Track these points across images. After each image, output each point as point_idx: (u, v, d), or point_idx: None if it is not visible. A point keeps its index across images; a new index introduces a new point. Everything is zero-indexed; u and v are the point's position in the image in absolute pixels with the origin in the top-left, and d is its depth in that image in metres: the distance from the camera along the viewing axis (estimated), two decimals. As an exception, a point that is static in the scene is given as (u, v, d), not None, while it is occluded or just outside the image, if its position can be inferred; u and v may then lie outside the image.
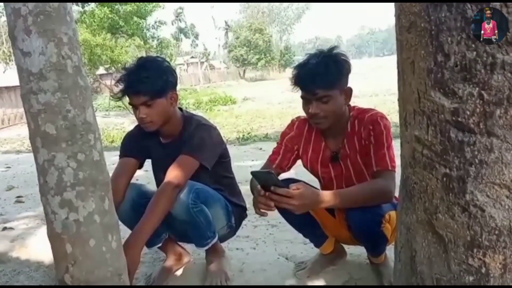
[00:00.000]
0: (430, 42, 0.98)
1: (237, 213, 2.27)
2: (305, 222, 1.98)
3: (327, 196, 1.67)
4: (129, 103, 2.01)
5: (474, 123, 0.94)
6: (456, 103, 0.96)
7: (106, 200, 1.33)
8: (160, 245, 2.20)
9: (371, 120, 1.81)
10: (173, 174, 1.91)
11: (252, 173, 1.66)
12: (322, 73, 1.73)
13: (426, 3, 0.96)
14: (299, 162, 2.07)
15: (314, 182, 2.02)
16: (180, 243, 2.34)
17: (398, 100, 1.18)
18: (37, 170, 1.28)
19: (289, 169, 2.02)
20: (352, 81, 1.87)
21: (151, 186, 2.26)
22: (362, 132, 1.83)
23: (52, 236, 1.30)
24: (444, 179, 1.02)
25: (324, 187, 2.01)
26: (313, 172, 2.02)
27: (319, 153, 1.96)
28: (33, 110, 1.23)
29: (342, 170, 1.91)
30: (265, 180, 1.62)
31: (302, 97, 1.83)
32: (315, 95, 1.76)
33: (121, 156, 2.14)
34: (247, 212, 2.39)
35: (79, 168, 1.26)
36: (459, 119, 0.96)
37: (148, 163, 2.24)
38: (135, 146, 2.14)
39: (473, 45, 0.91)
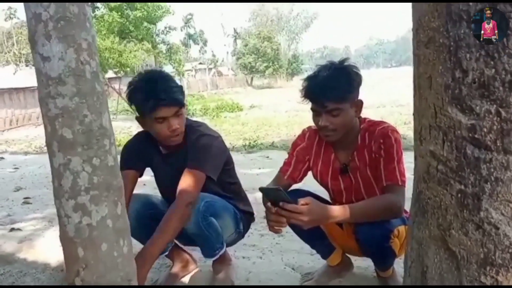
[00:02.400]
0: (448, 58, 0.98)
1: (246, 219, 2.28)
2: (312, 233, 1.98)
3: (336, 211, 1.66)
4: (157, 117, 1.91)
5: (491, 140, 0.94)
6: (473, 119, 0.96)
7: (119, 205, 1.34)
8: (167, 253, 2.20)
9: (382, 134, 1.80)
10: (184, 190, 1.89)
11: (261, 189, 1.66)
12: (333, 86, 1.72)
13: (445, 19, 0.97)
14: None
15: (321, 192, 2.02)
16: (187, 250, 2.34)
17: (413, 114, 1.18)
18: (52, 174, 1.29)
19: (300, 180, 2.02)
20: (360, 92, 1.86)
21: (156, 192, 2.28)
22: (373, 145, 1.82)
23: (65, 240, 1.30)
24: (459, 195, 1.02)
25: (333, 199, 2.01)
26: (323, 183, 2.02)
27: (329, 165, 1.95)
28: (50, 114, 1.24)
29: (352, 182, 1.91)
30: (273, 196, 1.62)
31: (312, 109, 1.82)
32: (325, 108, 1.74)
33: (121, 169, 2.14)
34: (255, 217, 2.41)
35: (94, 172, 1.27)
36: (476, 136, 0.96)
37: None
38: (134, 158, 2.12)
39: (492, 62, 0.91)
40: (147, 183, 3.77)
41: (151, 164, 2.17)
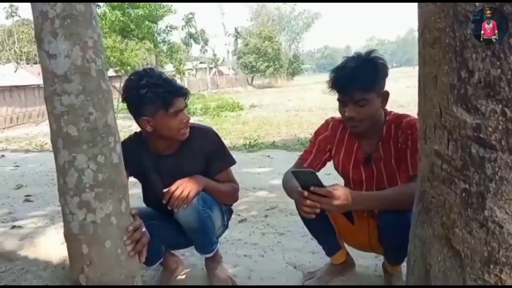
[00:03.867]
0: (454, 58, 0.98)
1: (228, 212, 2.29)
2: (323, 230, 1.99)
3: (366, 196, 1.69)
4: (173, 111, 1.92)
5: (496, 139, 0.95)
6: (479, 119, 0.96)
7: (123, 202, 1.34)
8: (161, 260, 2.19)
9: (410, 125, 1.80)
10: (232, 182, 2.16)
11: (293, 172, 1.66)
12: (360, 76, 1.73)
13: (451, 20, 0.97)
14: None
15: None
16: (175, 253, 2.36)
17: (418, 114, 1.18)
18: (57, 171, 1.30)
19: (319, 169, 2.01)
20: (385, 83, 1.84)
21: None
22: (400, 137, 1.82)
23: (69, 237, 1.31)
24: (463, 194, 1.03)
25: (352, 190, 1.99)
26: (344, 173, 2.01)
27: (352, 155, 1.95)
28: (56, 111, 1.25)
29: (374, 172, 1.90)
30: (305, 180, 1.60)
31: (338, 100, 1.82)
32: (352, 98, 1.75)
33: None
34: (249, 215, 2.42)
35: (99, 170, 1.27)
36: (481, 135, 0.96)
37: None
38: (127, 159, 2.01)
39: (498, 63, 0.91)
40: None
41: (141, 169, 2.10)
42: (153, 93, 1.87)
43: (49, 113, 1.27)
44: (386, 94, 1.82)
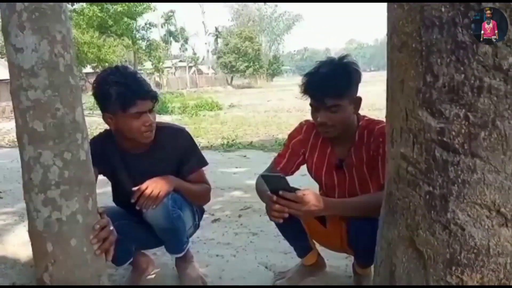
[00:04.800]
0: (420, 62, 1.00)
1: (200, 212, 2.28)
2: (295, 232, 1.99)
3: (334, 203, 1.70)
4: (134, 112, 1.87)
5: (459, 143, 0.97)
6: (443, 123, 0.98)
7: (90, 200, 1.32)
8: (131, 260, 2.15)
9: (382, 132, 1.77)
10: (205, 184, 2.15)
11: (263, 176, 1.67)
12: (332, 83, 1.71)
13: (418, 25, 0.99)
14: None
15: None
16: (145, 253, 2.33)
17: (386, 117, 1.20)
18: (22, 167, 1.27)
19: (292, 173, 2.00)
20: (358, 88, 1.83)
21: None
22: (372, 143, 1.82)
23: (33, 234, 1.29)
24: (427, 196, 1.04)
25: (325, 194, 1.99)
26: (317, 177, 2.01)
27: (325, 159, 1.95)
28: (22, 106, 1.22)
29: (346, 178, 1.91)
30: (275, 184, 1.61)
31: (311, 105, 1.82)
32: (324, 104, 1.74)
33: None
34: (223, 215, 2.41)
35: (65, 167, 1.25)
36: (445, 139, 0.98)
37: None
38: (97, 157, 1.79)
39: (462, 68, 0.93)
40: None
41: (111, 167, 2.06)
42: (114, 91, 1.84)
43: (15, 108, 1.25)
44: (359, 99, 1.82)
